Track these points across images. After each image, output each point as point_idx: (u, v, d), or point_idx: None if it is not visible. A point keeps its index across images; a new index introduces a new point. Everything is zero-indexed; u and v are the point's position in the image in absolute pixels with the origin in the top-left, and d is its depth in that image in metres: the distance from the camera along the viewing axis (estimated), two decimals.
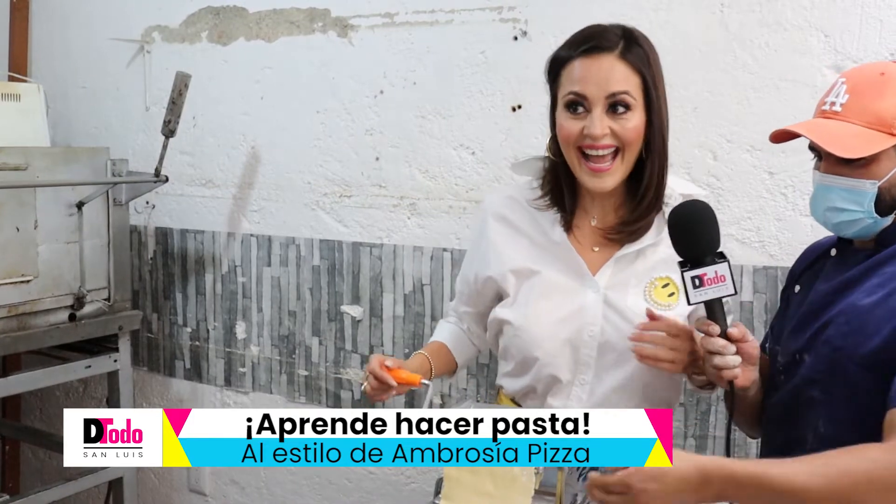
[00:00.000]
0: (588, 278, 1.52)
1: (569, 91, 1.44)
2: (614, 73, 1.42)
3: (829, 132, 1.31)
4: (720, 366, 1.33)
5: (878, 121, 1.28)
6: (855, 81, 1.33)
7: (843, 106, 1.31)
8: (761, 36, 1.96)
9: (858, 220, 1.32)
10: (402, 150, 2.43)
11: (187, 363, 2.90)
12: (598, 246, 1.54)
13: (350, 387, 2.57)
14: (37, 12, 3.12)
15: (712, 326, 1.33)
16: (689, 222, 1.33)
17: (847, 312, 1.31)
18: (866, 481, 1.10)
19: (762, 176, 1.98)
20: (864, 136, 1.28)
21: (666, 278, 1.50)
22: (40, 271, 2.41)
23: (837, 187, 1.32)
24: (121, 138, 2.92)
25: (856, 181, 1.30)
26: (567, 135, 1.45)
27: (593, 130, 1.41)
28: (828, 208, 1.34)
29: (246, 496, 2.84)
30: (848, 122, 1.30)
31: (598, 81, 1.42)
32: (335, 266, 2.57)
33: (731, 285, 1.29)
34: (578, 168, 1.46)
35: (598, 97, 1.42)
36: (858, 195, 1.30)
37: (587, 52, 1.44)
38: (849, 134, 1.29)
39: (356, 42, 2.48)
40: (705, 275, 1.29)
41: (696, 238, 1.32)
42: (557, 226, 1.55)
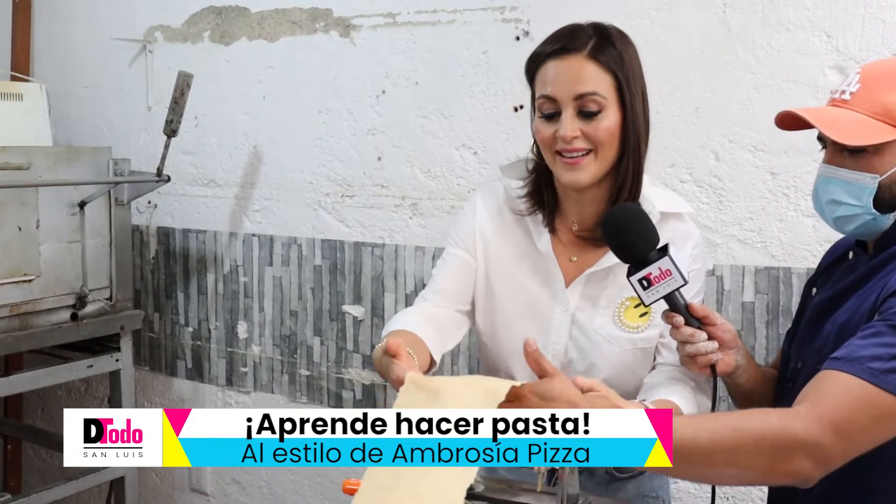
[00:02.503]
0: (560, 294, 1.50)
1: (540, 94, 1.43)
2: (583, 73, 1.39)
3: (831, 118, 1.27)
4: (692, 353, 1.34)
5: (886, 112, 1.23)
6: (869, 72, 1.29)
7: (853, 94, 1.27)
8: (763, 36, 1.95)
9: (857, 215, 1.27)
10: (403, 150, 2.43)
11: (189, 363, 2.90)
12: (576, 255, 1.51)
13: (352, 386, 2.57)
14: (39, 12, 3.12)
15: (675, 318, 1.33)
16: (620, 224, 1.33)
17: (836, 323, 1.29)
18: (753, 440, 1.10)
19: (764, 176, 1.98)
20: (868, 126, 1.23)
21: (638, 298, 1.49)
22: (42, 271, 2.42)
23: (838, 179, 1.28)
24: (123, 138, 2.93)
25: (856, 174, 1.26)
26: (542, 138, 1.44)
27: (564, 132, 1.39)
28: (828, 201, 1.30)
29: (247, 496, 2.84)
30: (854, 110, 1.26)
31: (566, 83, 1.40)
32: (337, 266, 2.57)
33: (679, 277, 1.28)
34: (554, 164, 1.45)
35: (566, 99, 1.40)
36: (858, 188, 1.26)
37: (556, 53, 1.42)
38: (852, 121, 1.25)
39: (358, 42, 2.48)
40: (650, 274, 1.29)
41: (631, 239, 1.31)
42: (545, 234, 1.52)
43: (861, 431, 1.12)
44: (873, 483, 1.23)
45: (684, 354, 1.36)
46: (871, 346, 1.13)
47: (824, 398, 1.13)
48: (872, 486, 1.23)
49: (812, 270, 1.56)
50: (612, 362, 1.48)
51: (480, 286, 1.57)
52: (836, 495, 1.24)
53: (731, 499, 2.07)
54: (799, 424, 1.10)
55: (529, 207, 1.53)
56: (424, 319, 1.51)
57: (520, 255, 1.54)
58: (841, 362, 1.15)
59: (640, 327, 1.48)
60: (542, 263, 1.52)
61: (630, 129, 1.43)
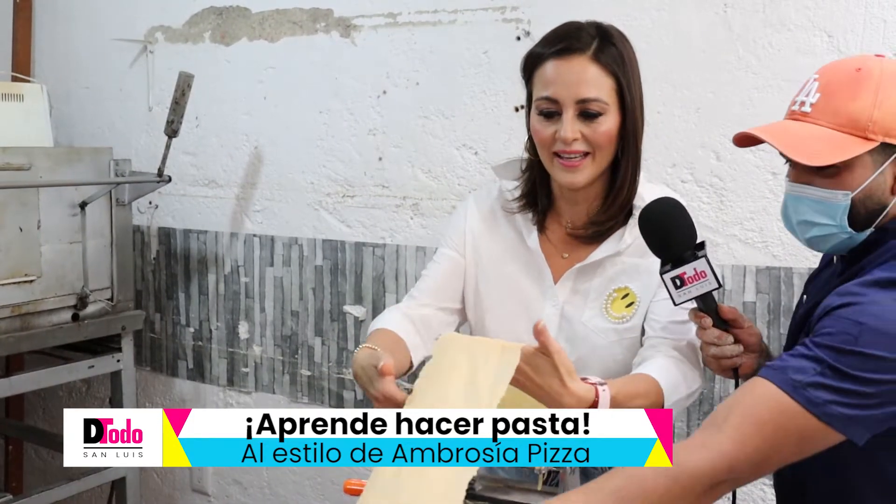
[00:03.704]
0: (550, 290, 1.51)
1: (541, 95, 1.42)
2: (586, 76, 1.39)
3: (793, 136, 1.19)
4: (717, 355, 1.33)
5: (851, 123, 1.15)
6: (828, 79, 1.20)
7: (813, 106, 1.19)
8: (764, 36, 1.95)
9: (832, 234, 1.20)
10: (404, 151, 2.43)
11: (190, 363, 2.90)
12: (567, 252, 1.52)
13: (353, 387, 2.56)
14: (40, 13, 3.12)
15: (704, 319, 1.32)
16: (660, 220, 1.31)
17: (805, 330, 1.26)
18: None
19: (765, 176, 1.98)
20: (834, 141, 1.15)
21: (625, 288, 1.47)
22: (43, 271, 2.42)
23: (807, 198, 1.21)
24: (124, 138, 2.93)
25: (826, 192, 1.18)
26: (541, 139, 1.44)
27: (564, 134, 1.39)
28: (798, 221, 1.23)
29: (248, 496, 2.84)
30: (817, 124, 1.18)
31: (568, 85, 1.39)
32: (338, 266, 2.57)
33: (714, 279, 1.26)
34: (551, 165, 1.45)
35: (568, 101, 1.39)
36: (830, 207, 1.18)
37: (559, 53, 1.41)
38: (815, 137, 1.17)
39: (359, 42, 2.48)
40: (684, 274, 1.26)
41: (669, 235, 1.30)
42: (534, 232, 1.52)
43: (764, 439, 1.09)
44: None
45: (708, 355, 1.35)
46: (799, 359, 1.11)
47: (736, 406, 1.12)
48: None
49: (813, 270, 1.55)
50: (599, 354, 1.49)
51: (470, 284, 1.59)
52: (845, 490, 1.23)
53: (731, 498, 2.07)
54: (696, 458, 1.08)
55: (521, 206, 1.54)
56: (408, 321, 1.54)
57: (510, 254, 1.55)
58: (768, 370, 1.13)
59: (625, 318, 1.48)
60: (531, 260, 1.53)
61: (630, 131, 1.43)
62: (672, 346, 1.42)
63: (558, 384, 1.20)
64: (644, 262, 1.44)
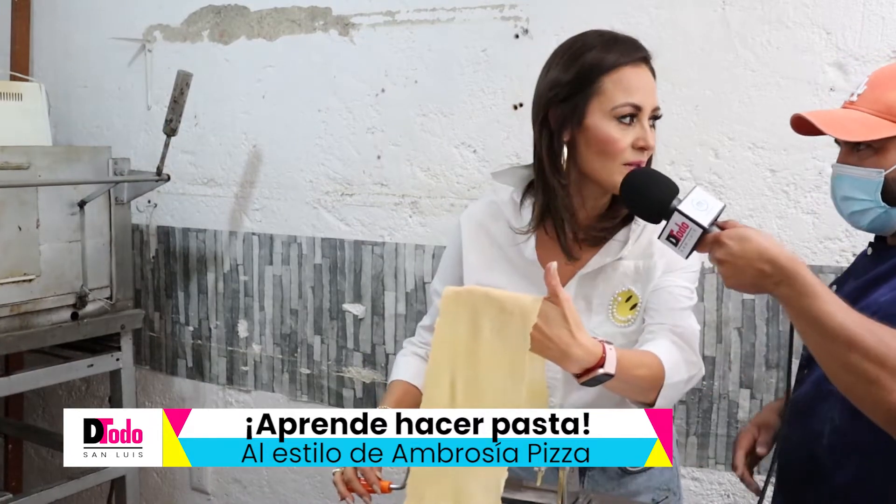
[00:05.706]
0: None
1: (625, 102, 1.41)
2: (653, 84, 1.46)
3: (834, 118, 1.35)
4: None
5: (887, 109, 1.29)
6: (877, 75, 1.37)
7: (860, 96, 1.34)
8: (763, 33, 1.95)
9: (868, 209, 1.33)
10: (403, 149, 2.43)
11: (189, 362, 2.90)
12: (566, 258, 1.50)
13: (352, 385, 2.57)
14: (38, 11, 3.12)
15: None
16: (634, 188, 1.33)
17: (869, 308, 1.29)
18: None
19: (764, 174, 1.98)
20: (868, 123, 1.30)
21: (628, 291, 1.48)
22: (42, 270, 2.42)
23: (846, 175, 1.35)
24: (122, 137, 2.93)
25: (863, 170, 1.32)
26: (620, 148, 1.42)
27: (649, 142, 1.43)
28: (841, 197, 1.37)
29: (248, 495, 2.84)
30: (859, 110, 1.33)
31: (647, 93, 1.44)
32: (337, 264, 2.57)
33: (696, 226, 1.23)
34: (613, 170, 1.42)
35: (648, 108, 1.44)
36: (865, 184, 1.32)
37: (637, 62, 1.45)
38: (853, 119, 1.32)
39: (357, 40, 2.48)
40: (673, 231, 1.25)
41: (645, 198, 1.29)
42: (530, 242, 1.51)
43: None
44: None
45: None
46: None
47: None
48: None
49: (812, 267, 1.58)
50: None
51: None
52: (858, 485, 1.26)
53: (731, 496, 2.08)
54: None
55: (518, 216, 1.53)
56: (422, 361, 1.63)
57: (510, 268, 1.54)
58: None
59: (630, 320, 1.48)
60: (529, 271, 1.51)
61: None
62: (672, 331, 1.43)
63: (567, 335, 1.21)
64: (644, 263, 1.46)
